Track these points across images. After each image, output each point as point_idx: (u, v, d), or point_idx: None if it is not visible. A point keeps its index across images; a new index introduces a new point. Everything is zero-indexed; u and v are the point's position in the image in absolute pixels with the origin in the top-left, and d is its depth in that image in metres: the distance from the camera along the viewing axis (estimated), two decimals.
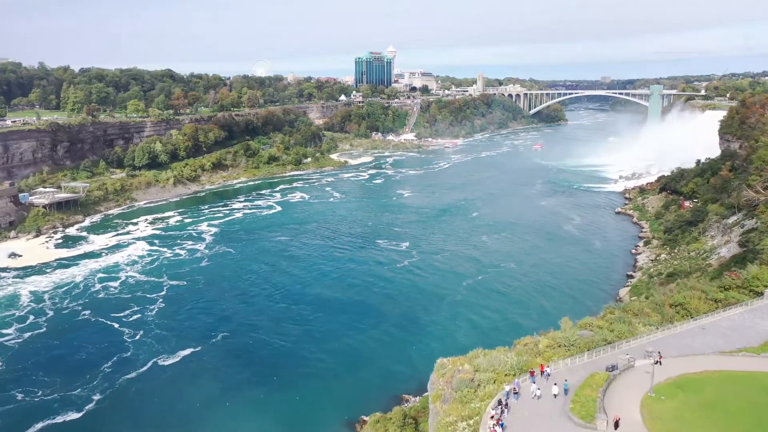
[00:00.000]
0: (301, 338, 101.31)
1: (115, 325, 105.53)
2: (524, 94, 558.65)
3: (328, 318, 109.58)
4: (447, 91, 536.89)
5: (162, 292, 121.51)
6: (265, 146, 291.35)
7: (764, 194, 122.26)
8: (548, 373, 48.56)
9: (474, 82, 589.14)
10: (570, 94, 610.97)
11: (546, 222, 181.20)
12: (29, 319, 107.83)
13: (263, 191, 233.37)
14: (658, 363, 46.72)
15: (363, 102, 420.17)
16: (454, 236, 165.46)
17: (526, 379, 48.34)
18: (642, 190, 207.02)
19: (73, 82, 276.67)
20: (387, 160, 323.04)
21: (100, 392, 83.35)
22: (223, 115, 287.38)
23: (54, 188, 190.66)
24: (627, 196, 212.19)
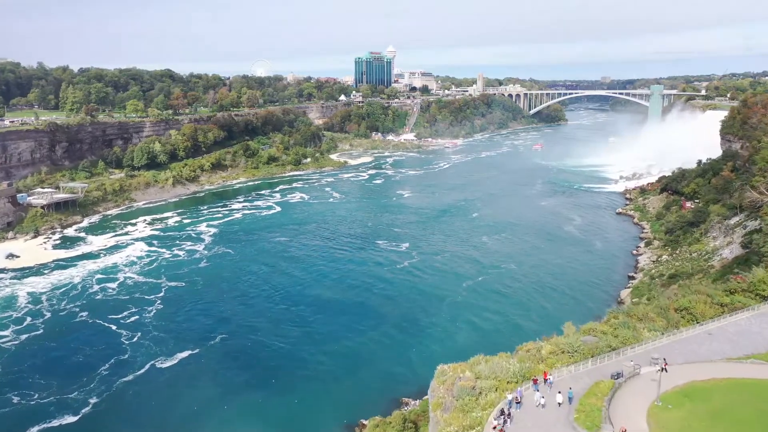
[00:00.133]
0: (300, 340, 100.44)
1: (112, 327, 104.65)
2: (524, 94, 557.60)
3: (327, 319, 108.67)
4: (447, 91, 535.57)
5: (160, 294, 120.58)
6: (264, 146, 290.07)
7: None
8: (551, 380, 47.57)
9: (474, 82, 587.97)
10: (570, 94, 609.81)
11: (546, 222, 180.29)
12: (26, 321, 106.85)
13: (263, 191, 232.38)
14: (663, 370, 45.76)
15: (363, 102, 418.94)
16: (454, 237, 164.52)
17: (528, 387, 47.32)
18: (643, 191, 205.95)
19: (72, 82, 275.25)
20: (387, 160, 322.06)
21: (97, 395, 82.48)
22: (222, 116, 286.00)
23: (52, 189, 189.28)
24: (628, 196, 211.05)
